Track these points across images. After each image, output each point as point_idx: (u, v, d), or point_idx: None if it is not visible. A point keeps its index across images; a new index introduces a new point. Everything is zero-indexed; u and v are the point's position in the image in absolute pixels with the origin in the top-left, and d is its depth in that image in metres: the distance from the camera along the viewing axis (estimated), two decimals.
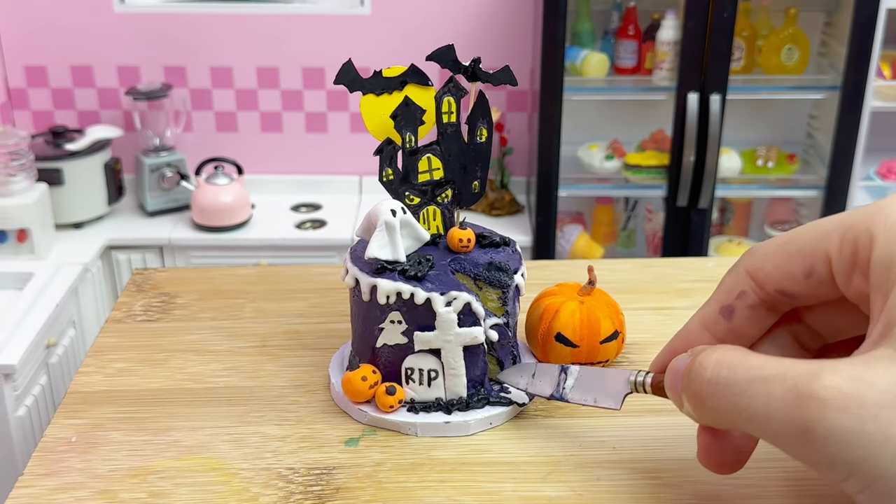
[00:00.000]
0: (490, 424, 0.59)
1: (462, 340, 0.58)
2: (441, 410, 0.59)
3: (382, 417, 0.59)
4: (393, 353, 0.60)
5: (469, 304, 0.58)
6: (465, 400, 0.60)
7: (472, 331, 0.58)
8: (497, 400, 0.60)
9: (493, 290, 0.60)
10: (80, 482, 0.55)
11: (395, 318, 0.59)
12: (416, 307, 0.58)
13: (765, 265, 0.48)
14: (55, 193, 2.16)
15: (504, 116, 2.41)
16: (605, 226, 2.44)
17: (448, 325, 0.58)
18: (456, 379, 0.59)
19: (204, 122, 2.44)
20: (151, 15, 2.32)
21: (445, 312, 0.57)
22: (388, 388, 0.59)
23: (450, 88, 0.62)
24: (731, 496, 0.53)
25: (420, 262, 0.59)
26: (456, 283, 0.59)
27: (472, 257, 0.61)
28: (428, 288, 0.58)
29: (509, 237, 0.64)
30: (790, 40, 2.16)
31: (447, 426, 0.59)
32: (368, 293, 0.59)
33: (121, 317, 0.75)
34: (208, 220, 2.23)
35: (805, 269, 0.47)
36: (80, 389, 0.65)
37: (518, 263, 0.62)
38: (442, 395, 0.60)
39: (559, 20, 2.02)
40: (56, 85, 2.39)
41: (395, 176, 0.63)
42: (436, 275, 0.59)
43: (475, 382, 0.60)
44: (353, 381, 0.60)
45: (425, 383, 0.59)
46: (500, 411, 0.60)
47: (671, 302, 0.77)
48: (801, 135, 2.41)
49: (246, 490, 0.54)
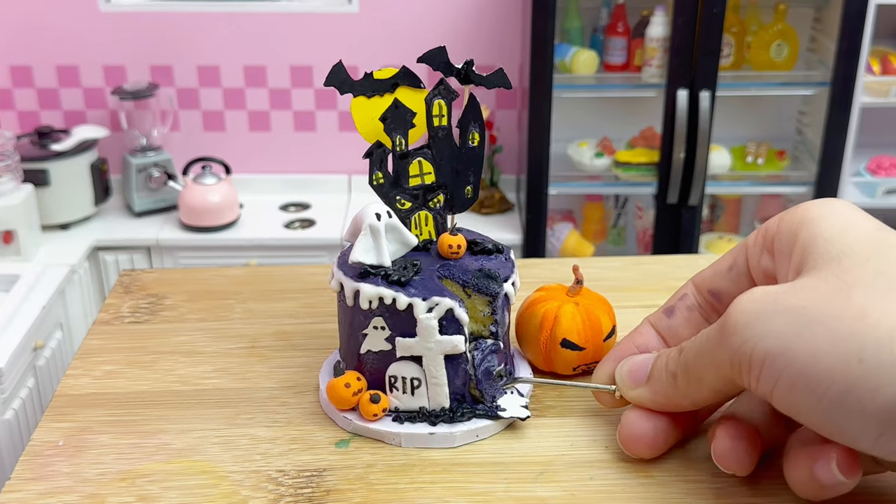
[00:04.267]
0: (477, 437, 0.58)
1: (443, 348, 0.57)
2: (426, 421, 0.58)
3: (366, 426, 0.58)
4: (377, 359, 0.59)
5: (451, 311, 0.56)
6: (450, 412, 0.58)
7: (453, 339, 0.57)
8: (483, 413, 0.58)
9: (482, 297, 0.59)
10: (68, 486, 0.54)
11: (378, 323, 0.57)
12: (399, 313, 0.56)
13: (705, 271, 0.56)
14: (41, 194, 2.15)
15: (493, 114, 2.41)
16: (596, 223, 2.44)
17: (429, 331, 0.56)
18: (438, 388, 0.58)
19: (191, 121, 2.43)
20: (137, 14, 2.31)
21: (426, 319, 0.56)
22: (373, 396, 0.58)
23: (440, 91, 0.61)
24: (724, 494, 0.52)
25: (405, 267, 0.58)
26: (441, 289, 0.57)
27: (463, 264, 0.60)
28: (410, 293, 0.56)
29: (503, 244, 0.63)
30: (779, 36, 2.17)
31: (431, 437, 0.57)
32: (352, 298, 0.58)
33: (108, 318, 0.74)
34: (196, 220, 2.22)
35: (729, 263, 0.54)
36: (67, 392, 0.64)
37: (509, 272, 0.60)
38: (426, 405, 0.58)
39: (548, 17, 2.02)
40: (41, 85, 2.37)
41: (386, 180, 0.61)
42: (421, 280, 0.57)
43: (458, 394, 0.58)
44: (337, 387, 0.59)
45: (409, 391, 0.58)
46: (486, 424, 0.58)
47: (661, 300, 0.76)
48: (791, 131, 2.41)
49: (235, 493, 0.53)
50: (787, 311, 0.44)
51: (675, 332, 0.57)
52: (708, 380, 0.49)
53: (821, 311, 0.43)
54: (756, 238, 0.52)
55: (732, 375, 0.47)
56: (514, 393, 0.60)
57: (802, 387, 0.43)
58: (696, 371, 0.50)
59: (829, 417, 0.43)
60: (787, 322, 0.44)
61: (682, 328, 0.56)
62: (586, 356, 0.63)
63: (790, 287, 0.45)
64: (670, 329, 0.57)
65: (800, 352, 0.43)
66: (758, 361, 0.45)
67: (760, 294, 0.46)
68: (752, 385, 0.46)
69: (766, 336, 0.44)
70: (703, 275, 0.56)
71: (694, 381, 0.50)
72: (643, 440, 0.54)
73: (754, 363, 0.45)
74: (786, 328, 0.44)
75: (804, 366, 0.43)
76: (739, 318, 0.46)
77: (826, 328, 0.43)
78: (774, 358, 0.44)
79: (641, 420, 0.54)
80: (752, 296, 0.46)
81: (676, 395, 0.52)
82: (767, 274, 0.51)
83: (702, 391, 0.50)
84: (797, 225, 0.49)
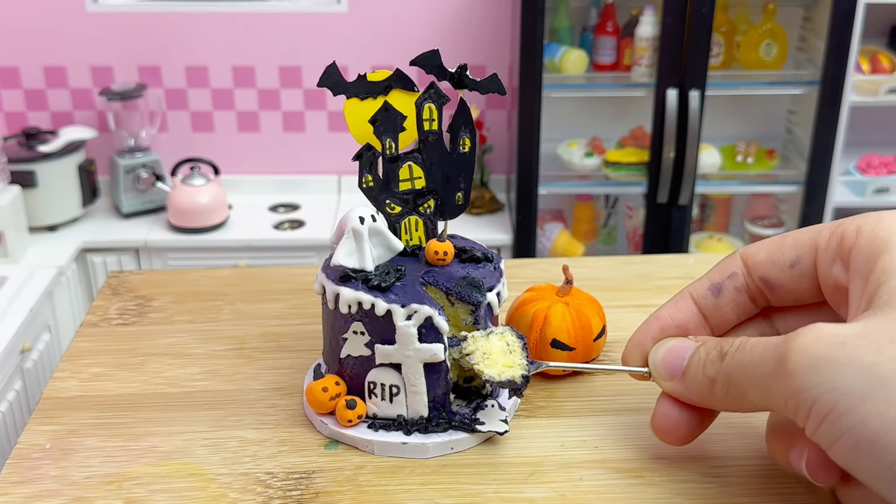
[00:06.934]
0: (451, 449, 0.57)
1: (422, 356, 0.56)
2: (401, 430, 0.57)
3: (341, 432, 0.57)
4: (357, 364, 0.58)
5: (431, 319, 0.55)
6: (425, 421, 0.57)
7: (433, 347, 0.56)
8: (459, 424, 0.57)
9: (464, 306, 0.58)
10: (55, 489, 0.54)
11: (358, 328, 0.57)
12: (378, 319, 0.55)
13: (759, 252, 0.51)
14: (28, 196, 2.14)
15: (483, 114, 2.41)
16: (586, 223, 2.44)
17: (407, 339, 0.55)
18: (417, 396, 0.57)
19: (179, 122, 2.42)
20: (125, 14, 2.30)
21: (405, 326, 0.55)
22: (349, 402, 0.57)
23: (430, 95, 0.60)
24: (715, 494, 0.52)
25: (388, 272, 0.57)
26: (422, 296, 0.56)
27: (449, 271, 0.59)
28: (390, 299, 0.55)
29: (493, 253, 0.62)
30: (769, 35, 2.17)
31: (404, 447, 0.56)
32: (332, 301, 0.57)
33: (96, 320, 0.74)
34: (185, 221, 2.21)
35: (792, 259, 0.50)
36: (54, 395, 0.64)
37: (495, 281, 0.59)
38: (404, 413, 0.58)
39: (537, 17, 2.02)
40: (29, 86, 2.36)
41: (376, 183, 0.61)
42: (402, 286, 0.56)
43: (437, 403, 0.58)
44: (314, 391, 0.58)
45: (387, 399, 0.57)
46: (462, 437, 0.57)
47: (652, 299, 0.76)
48: (781, 130, 2.42)
49: (224, 496, 0.53)
50: (856, 365, 0.40)
51: (721, 312, 0.53)
52: (752, 399, 0.46)
53: (893, 372, 0.40)
54: (830, 242, 0.48)
55: (785, 411, 0.44)
56: (496, 406, 0.59)
57: (867, 452, 0.40)
58: (739, 387, 0.46)
59: (892, 486, 0.40)
60: (856, 378, 0.40)
61: (728, 310, 0.53)
62: (576, 356, 0.63)
63: (861, 330, 0.42)
64: (716, 309, 0.53)
65: (869, 417, 0.40)
66: (819, 413, 0.41)
67: (828, 335, 0.42)
68: (807, 431, 0.43)
69: (832, 390, 0.41)
70: (755, 257, 0.51)
71: (735, 395, 0.47)
72: (674, 432, 0.52)
73: (815, 413, 0.42)
74: (854, 385, 0.40)
75: (872, 432, 0.40)
76: (801, 360, 0.42)
77: None
78: (840, 416, 0.41)
79: (673, 411, 0.52)
80: (817, 334, 0.42)
81: (713, 400, 0.49)
82: (839, 286, 0.47)
83: (743, 405, 0.47)
84: (879, 245, 0.45)
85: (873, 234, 0.45)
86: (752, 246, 0.52)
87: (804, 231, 0.50)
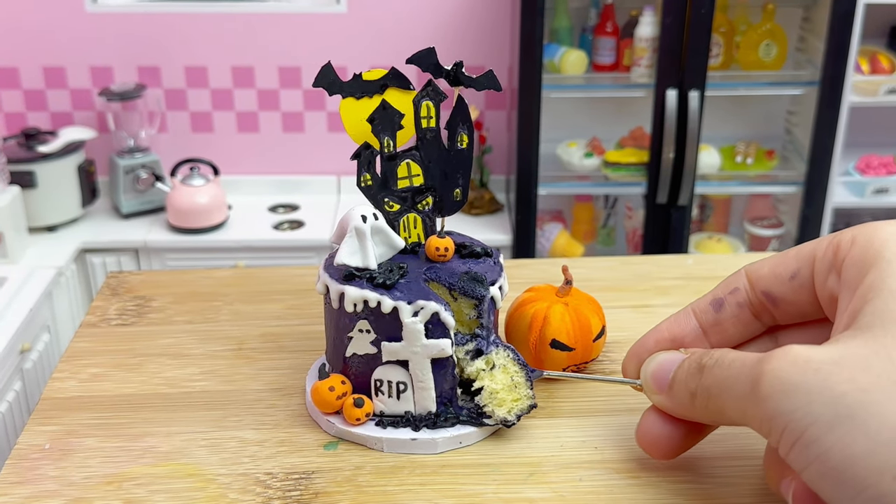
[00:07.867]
0: (460, 444, 0.57)
1: (429, 352, 0.56)
2: (409, 426, 0.57)
3: (349, 430, 0.58)
4: (363, 363, 0.58)
5: (437, 315, 0.55)
6: (434, 416, 0.58)
7: (440, 343, 0.56)
8: (467, 419, 0.58)
9: (468, 301, 0.58)
10: (55, 490, 0.54)
11: (364, 326, 0.57)
12: (384, 316, 0.56)
13: (763, 266, 0.51)
14: (28, 196, 2.14)
15: (483, 115, 2.41)
16: (585, 224, 2.44)
17: (415, 335, 0.55)
18: (425, 392, 0.57)
19: (179, 122, 2.42)
20: (124, 14, 2.30)
21: (412, 323, 0.55)
22: (356, 401, 0.57)
23: (428, 92, 0.60)
24: (715, 495, 0.52)
25: (391, 269, 0.57)
26: (427, 292, 0.56)
27: (450, 267, 0.59)
28: (396, 297, 0.55)
29: (492, 248, 0.62)
30: (768, 36, 2.17)
31: (414, 443, 0.57)
32: (337, 301, 0.57)
33: (95, 321, 0.74)
34: (184, 221, 2.21)
35: (793, 270, 0.50)
36: (53, 395, 0.64)
37: (497, 275, 0.60)
38: (412, 409, 0.58)
39: (537, 17, 2.02)
40: (28, 86, 2.36)
41: (374, 182, 0.61)
42: (407, 283, 0.57)
43: (445, 398, 0.58)
44: (321, 391, 0.58)
45: (394, 396, 0.58)
46: (470, 431, 0.57)
47: (651, 300, 0.76)
48: (780, 130, 2.42)
49: (223, 496, 0.53)
50: (826, 395, 0.40)
51: (722, 328, 0.53)
52: (730, 415, 0.46)
53: (862, 404, 0.39)
54: (826, 252, 0.48)
55: (760, 432, 0.44)
56: None
57: (833, 482, 0.40)
58: (717, 402, 0.46)
59: None
60: (825, 407, 0.40)
61: (730, 325, 0.52)
62: (576, 357, 0.63)
63: (837, 356, 0.41)
64: (717, 324, 0.53)
65: (835, 449, 0.40)
66: (789, 439, 0.41)
67: (803, 360, 0.42)
68: (781, 452, 0.43)
69: (802, 418, 0.41)
70: (759, 272, 0.51)
71: (714, 410, 0.47)
72: (658, 445, 0.52)
73: (785, 439, 0.42)
74: (823, 414, 0.40)
75: (838, 463, 0.40)
76: (775, 385, 0.42)
77: (864, 430, 0.39)
78: (807, 444, 0.41)
79: (657, 424, 0.52)
80: (793, 357, 0.42)
81: (695, 414, 0.49)
82: (833, 297, 0.47)
83: (723, 420, 0.47)
84: (872, 258, 0.44)
85: (867, 244, 0.45)
86: (758, 262, 0.52)
87: (808, 243, 0.50)
